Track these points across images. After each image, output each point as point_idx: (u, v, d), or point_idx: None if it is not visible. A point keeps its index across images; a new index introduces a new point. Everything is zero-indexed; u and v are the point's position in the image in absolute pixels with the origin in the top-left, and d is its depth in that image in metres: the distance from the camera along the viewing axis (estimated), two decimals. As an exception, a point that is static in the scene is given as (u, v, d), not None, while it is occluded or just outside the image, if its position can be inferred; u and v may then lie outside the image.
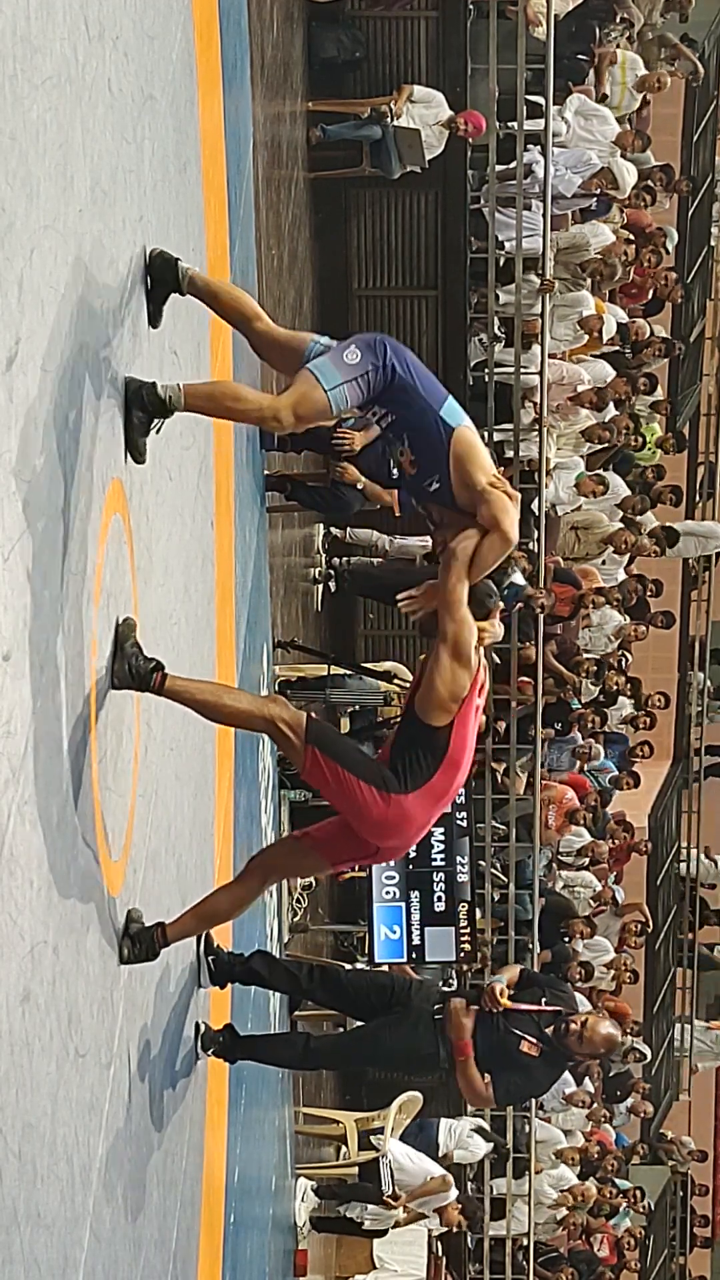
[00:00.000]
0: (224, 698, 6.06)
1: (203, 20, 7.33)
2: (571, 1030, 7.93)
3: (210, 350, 7.79)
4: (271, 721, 6.06)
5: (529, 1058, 7.93)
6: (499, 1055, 7.95)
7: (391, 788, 6.12)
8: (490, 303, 14.24)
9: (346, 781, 6.12)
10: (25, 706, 4.18)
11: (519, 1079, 8.05)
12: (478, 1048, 7.94)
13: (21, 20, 4.07)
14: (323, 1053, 8.50)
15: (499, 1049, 7.94)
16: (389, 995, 8.13)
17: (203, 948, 7.62)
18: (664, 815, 20.68)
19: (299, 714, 6.11)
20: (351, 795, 6.13)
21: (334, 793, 6.19)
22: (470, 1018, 7.93)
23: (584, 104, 14.57)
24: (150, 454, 5.96)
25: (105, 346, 5.17)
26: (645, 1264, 18.87)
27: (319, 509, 12.18)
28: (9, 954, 4.06)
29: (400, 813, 6.17)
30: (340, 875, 14.58)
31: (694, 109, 18.22)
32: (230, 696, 6.13)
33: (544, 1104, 15.77)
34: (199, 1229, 7.47)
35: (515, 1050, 7.93)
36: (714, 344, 20.85)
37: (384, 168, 13.76)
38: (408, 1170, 12.47)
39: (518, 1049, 7.92)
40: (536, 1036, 7.94)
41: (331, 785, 6.16)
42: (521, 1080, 8.08)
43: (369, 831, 6.22)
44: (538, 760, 14.57)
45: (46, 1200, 4.42)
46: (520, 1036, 7.93)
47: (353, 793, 6.12)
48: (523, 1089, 8.37)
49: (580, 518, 15.21)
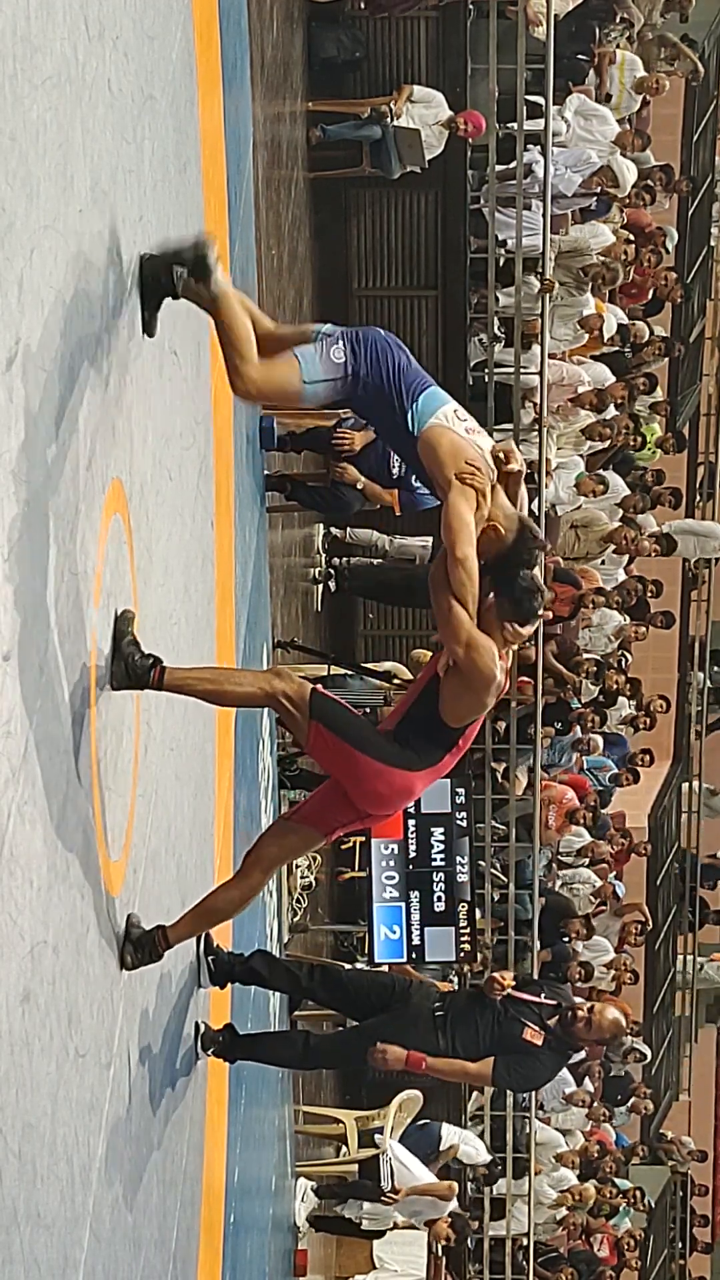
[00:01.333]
0: (225, 684, 6.04)
1: (203, 20, 7.33)
2: (579, 1017, 7.98)
3: (210, 350, 7.79)
4: (274, 697, 6.03)
5: (532, 1045, 7.97)
6: (502, 1042, 7.98)
7: (397, 763, 6.14)
8: (490, 303, 14.24)
9: (350, 756, 6.13)
10: (25, 706, 4.18)
11: (520, 1064, 8.07)
12: (481, 1037, 7.98)
13: (21, 20, 4.07)
14: (322, 1052, 8.51)
15: (502, 1036, 7.98)
16: (389, 995, 8.14)
17: (203, 948, 7.62)
18: (664, 815, 20.68)
19: (303, 686, 6.08)
20: (353, 768, 6.14)
21: (335, 764, 6.20)
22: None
23: (584, 104, 14.57)
24: (151, 454, 5.96)
25: (105, 346, 5.17)
26: (645, 1264, 18.86)
27: (319, 509, 12.18)
28: (9, 954, 4.06)
29: (403, 785, 6.22)
30: (340, 875, 14.59)
31: (694, 109, 18.23)
32: (232, 680, 6.10)
33: (544, 1104, 15.78)
34: (199, 1229, 7.48)
35: (518, 1038, 7.96)
36: (714, 344, 20.85)
37: (384, 168, 13.76)
38: (409, 1167, 12.46)
39: (521, 1036, 7.96)
40: (539, 1025, 7.98)
41: (334, 758, 6.17)
42: (523, 1065, 8.10)
43: (367, 801, 6.25)
44: (538, 760, 14.57)
45: (46, 1200, 4.42)
46: (523, 1024, 7.97)
47: (355, 766, 6.14)
48: (523, 1075, 8.38)
49: (580, 516, 15.21)
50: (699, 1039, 22.37)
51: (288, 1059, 8.59)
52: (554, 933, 15.17)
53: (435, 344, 14.75)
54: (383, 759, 6.14)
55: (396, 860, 12.48)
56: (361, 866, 13.60)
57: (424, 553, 13.23)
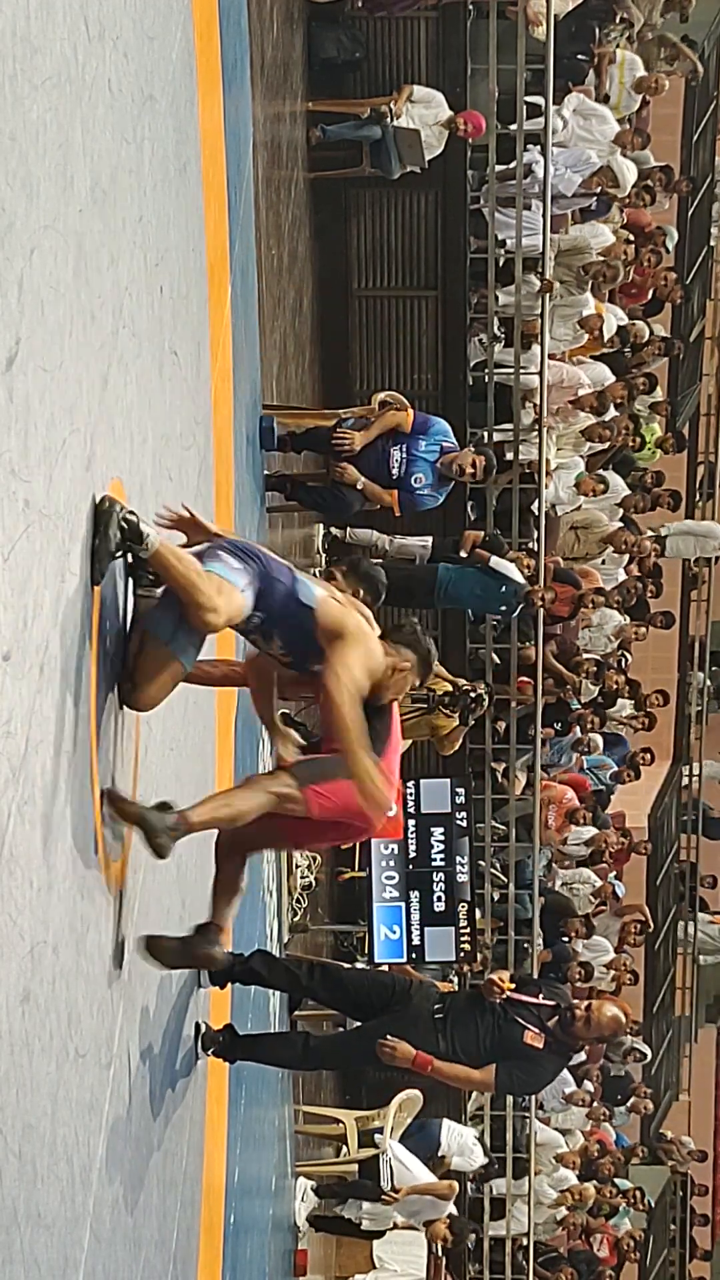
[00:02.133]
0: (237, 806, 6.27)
1: (203, 20, 7.34)
2: (578, 1016, 7.98)
3: (210, 350, 7.80)
4: (275, 798, 6.32)
5: (533, 1049, 7.96)
6: (502, 1046, 7.97)
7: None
8: (490, 303, 14.24)
9: (341, 790, 6.32)
10: (25, 706, 4.18)
11: (523, 1069, 8.07)
12: (481, 1040, 7.97)
13: (21, 20, 4.07)
14: (322, 1053, 8.50)
15: (503, 1039, 7.97)
16: (389, 995, 8.14)
17: None
18: (664, 815, 20.68)
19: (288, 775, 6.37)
20: (348, 795, 6.28)
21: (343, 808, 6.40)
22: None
23: (583, 103, 14.57)
24: (151, 454, 5.96)
25: (105, 347, 5.17)
26: (645, 1264, 18.86)
27: (319, 509, 12.18)
28: (9, 954, 4.06)
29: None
30: (340, 875, 14.59)
31: (694, 109, 18.23)
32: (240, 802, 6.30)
33: (544, 1104, 15.78)
34: (199, 1229, 7.48)
35: (519, 1042, 7.95)
36: (714, 344, 20.85)
37: (384, 168, 13.75)
38: (409, 1167, 12.46)
39: (521, 1040, 7.95)
40: (539, 1028, 7.97)
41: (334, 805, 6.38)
42: (525, 1071, 8.10)
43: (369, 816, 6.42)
44: (538, 760, 14.58)
45: (46, 1200, 4.42)
46: (524, 1026, 7.96)
47: (346, 792, 6.30)
48: (526, 1080, 8.38)
49: (580, 517, 15.21)
50: (699, 1039, 22.38)
51: (288, 1059, 8.59)
52: (554, 932, 15.17)
53: (435, 344, 14.75)
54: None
55: (396, 860, 12.49)
56: (361, 866, 13.60)
57: (424, 553, 13.23)
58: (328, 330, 14.58)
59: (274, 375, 11.50)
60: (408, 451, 11.43)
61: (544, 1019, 8.03)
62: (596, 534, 15.21)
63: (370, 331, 14.85)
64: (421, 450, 11.46)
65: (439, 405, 13.84)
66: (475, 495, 14.02)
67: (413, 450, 11.43)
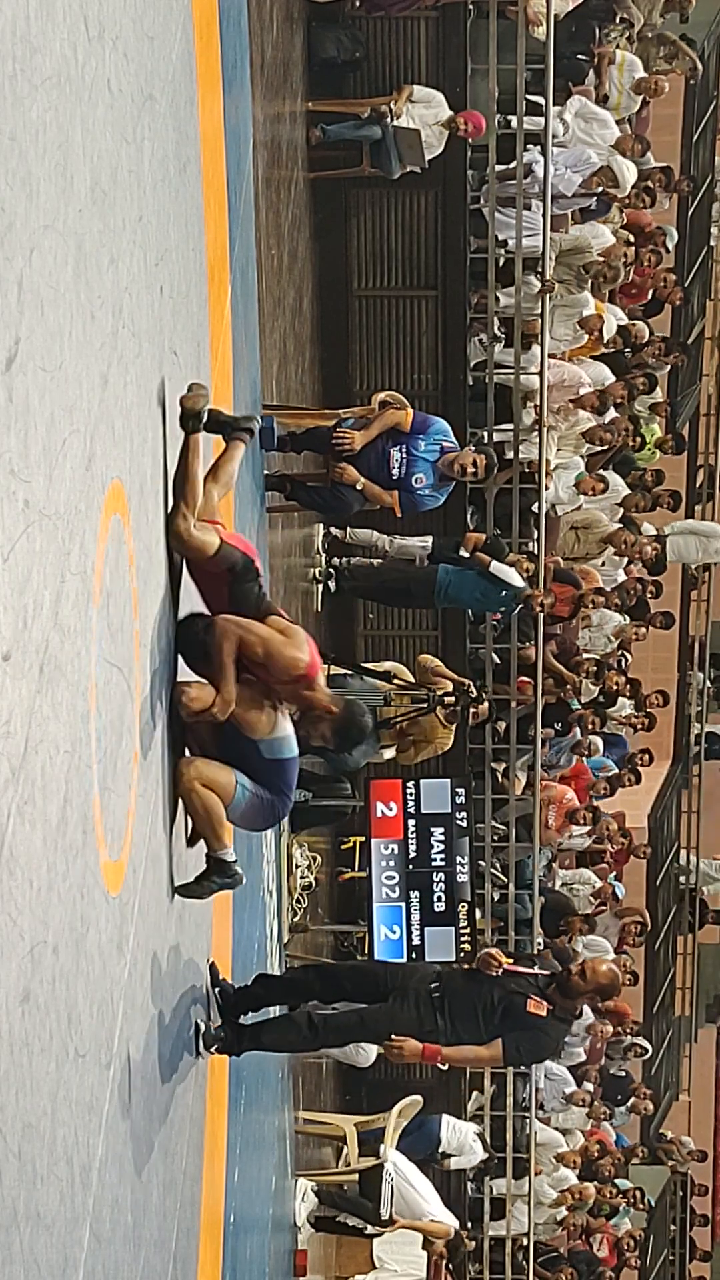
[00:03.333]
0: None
1: (203, 20, 7.34)
2: (574, 972, 8.03)
3: (210, 350, 7.80)
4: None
5: (537, 1017, 8.00)
6: (507, 1017, 7.99)
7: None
8: (490, 303, 14.23)
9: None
10: (25, 706, 4.18)
11: (529, 1039, 8.10)
12: (480, 1015, 8.00)
13: (21, 20, 4.07)
14: (330, 1028, 8.40)
15: (506, 1011, 7.99)
16: (386, 979, 8.20)
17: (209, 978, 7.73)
18: (664, 816, 20.67)
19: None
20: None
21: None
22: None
23: (584, 106, 14.56)
24: (151, 454, 5.96)
25: (105, 346, 5.17)
26: (645, 1264, 18.85)
27: (319, 509, 12.18)
28: (9, 954, 4.06)
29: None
30: (341, 875, 14.59)
31: (694, 109, 18.22)
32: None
33: (544, 1104, 15.78)
34: (199, 1229, 7.48)
35: (523, 1011, 7.98)
36: (714, 344, 20.84)
37: (384, 168, 13.75)
38: (414, 1185, 12.37)
39: (524, 1009, 7.98)
40: (540, 996, 8.02)
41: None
42: (531, 1040, 8.13)
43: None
44: (538, 760, 14.58)
45: (46, 1200, 4.42)
46: (525, 996, 7.99)
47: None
48: (532, 1049, 8.40)
49: (580, 517, 15.21)
50: (699, 1039, 22.38)
51: (295, 1042, 8.50)
52: (554, 932, 15.17)
53: (435, 344, 14.75)
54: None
55: (396, 860, 12.49)
56: (361, 866, 13.61)
57: (424, 553, 13.24)
58: (328, 330, 14.58)
59: (274, 375, 11.50)
60: (408, 451, 11.43)
61: (543, 988, 8.08)
62: (596, 534, 15.21)
63: (370, 331, 14.84)
64: (421, 450, 11.46)
65: (439, 405, 13.84)
66: (475, 497, 14.03)
67: (413, 450, 11.44)
